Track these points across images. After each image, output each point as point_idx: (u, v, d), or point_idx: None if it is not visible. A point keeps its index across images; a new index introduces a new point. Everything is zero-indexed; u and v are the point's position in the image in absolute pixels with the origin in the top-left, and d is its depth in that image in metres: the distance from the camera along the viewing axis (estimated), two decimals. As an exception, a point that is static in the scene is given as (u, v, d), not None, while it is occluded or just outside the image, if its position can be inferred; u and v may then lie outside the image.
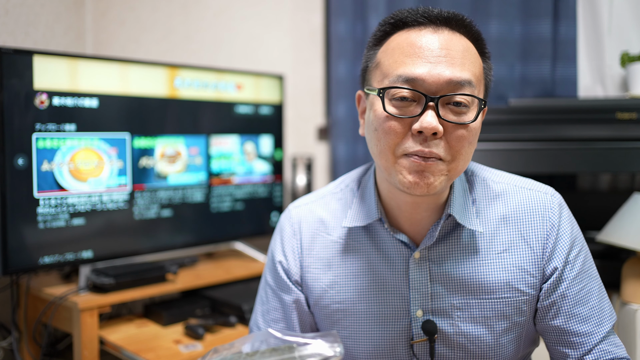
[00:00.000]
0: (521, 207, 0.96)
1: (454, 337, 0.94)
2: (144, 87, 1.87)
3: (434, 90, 0.85)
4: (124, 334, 1.73)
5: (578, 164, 1.87)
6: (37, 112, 1.64)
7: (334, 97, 2.34)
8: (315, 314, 1.03)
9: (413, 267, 0.95)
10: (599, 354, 0.93)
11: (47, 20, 2.08)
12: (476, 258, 0.95)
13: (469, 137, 0.87)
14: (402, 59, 0.87)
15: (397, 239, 0.96)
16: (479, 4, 2.21)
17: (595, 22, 2.19)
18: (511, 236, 0.95)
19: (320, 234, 1.03)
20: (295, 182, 2.32)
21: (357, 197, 1.02)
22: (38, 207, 1.65)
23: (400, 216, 0.96)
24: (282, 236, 1.06)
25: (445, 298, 0.95)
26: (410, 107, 0.86)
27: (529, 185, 0.99)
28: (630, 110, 1.85)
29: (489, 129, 1.91)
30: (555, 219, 0.95)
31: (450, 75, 0.85)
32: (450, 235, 0.96)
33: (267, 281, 1.07)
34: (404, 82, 0.86)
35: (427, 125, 0.83)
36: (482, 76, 0.91)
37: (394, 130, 0.86)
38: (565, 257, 0.94)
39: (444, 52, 0.86)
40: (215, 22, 2.43)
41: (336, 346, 0.74)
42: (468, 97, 0.86)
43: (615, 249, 1.92)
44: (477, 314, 0.94)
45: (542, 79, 2.18)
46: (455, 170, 0.89)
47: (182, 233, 1.99)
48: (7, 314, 1.87)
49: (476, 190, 0.99)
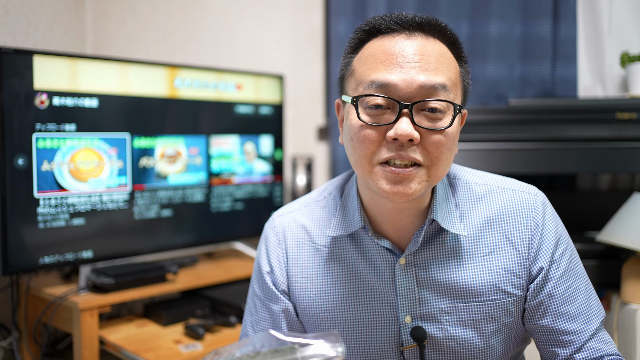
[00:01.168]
0: (504, 209, 0.96)
1: (444, 342, 0.94)
2: (144, 87, 1.87)
3: (408, 96, 0.84)
4: (124, 334, 1.73)
5: (578, 164, 1.87)
6: (37, 112, 1.64)
7: (334, 97, 2.34)
8: (304, 323, 1.02)
9: (399, 273, 0.94)
10: (589, 352, 0.93)
11: (47, 20, 2.08)
12: (462, 261, 0.94)
13: (447, 143, 0.86)
14: (375, 66, 0.87)
15: (381, 246, 0.95)
16: (479, 4, 2.21)
17: (595, 22, 2.19)
18: (496, 238, 0.95)
19: (305, 243, 1.02)
20: (295, 182, 2.32)
21: (340, 205, 1.01)
22: (38, 207, 1.65)
23: (384, 223, 0.96)
24: (267, 246, 1.05)
25: (432, 303, 0.94)
26: (385, 115, 0.85)
27: (512, 185, 0.99)
28: (630, 110, 1.86)
29: (489, 129, 1.92)
30: (539, 219, 0.95)
31: (424, 80, 0.84)
32: (434, 240, 0.95)
33: (254, 292, 1.06)
34: (378, 89, 0.85)
35: (401, 133, 0.83)
36: (458, 80, 0.90)
37: (369, 138, 0.86)
38: (550, 256, 0.93)
39: (417, 57, 0.85)
40: (215, 22, 2.43)
41: (338, 346, 0.73)
42: (443, 103, 0.85)
43: (615, 249, 1.92)
44: (466, 318, 0.94)
45: (542, 79, 2.18)
46: (435, 176, 0.88)
47: (182, 233, 1.99)
48: (7, 314, 1.87)
49: (459, 193, 0.98)
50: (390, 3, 2.25)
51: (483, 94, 2.22)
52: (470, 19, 2.22)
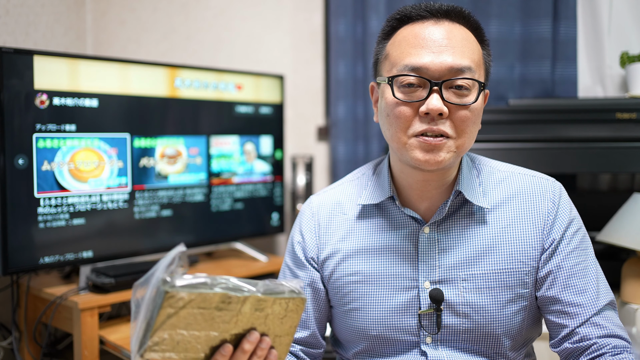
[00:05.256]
0: (525, 189, 1.04)
1: (460, 308, 0.99)
2: (144, 87, 1.87)
3: (438, 76, 0.94)
4: (124, 333, 1.73)
5: (578, 164, 1.87)
6: (37, 112, 1.64)
7: (334, 97, 2.35)
8: (330, 288, 1.08)
9: (422, 240, 1.02)
10: (592, 328, 0.95)
11: (47, 21, 2.08)
12: (482, 232, 1.01)
13: (472, 117, 0.96)
14: (408, 50, 0.96)
15: (407, 215, 1.03)
16: (479, 4, 2.21)
17: (595, 22, 2.19)
18: (515, 213, 1.02)
19: (336, 215, 1.10)
20: (296, 182, 2.33)
21: (372, 180, 1.10)
22: (38, 207, 1.65)
23: (412, 195, 1.04)
24: (301, 220, 1.13)
25: (451, 270, 1.00)
26: (417, 92, 0.95)
27: (532, 173, 1.08)
28: (630, 110, 1.86)
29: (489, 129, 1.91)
30: (557, 199, 1.03)
31: (451, 63, 0.94)
32: (458, 212, 1.03)
33: (286, 263, 1.14)
34: (411, 71, 0.95)
35: (432, 107, 0.92)
36: (481, 61, 0.99)
37: (404, 114, 0.95)
38: (562, 231, 1.00)
39: (446, 41, 0.95)
40: (215, 22, 2.43)
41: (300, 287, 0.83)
42: (468, 81, 0.95)
43: (615, 249, 1.92)
44: (482, 285, 0.99)
45: (542, 79, 2.18)
46: (462, 147, 0.96)
47: (182, 233, 1.99)
48: (7, 314, 1.87)
49: (482, 175, 1.07)
50: (390, 3, 2.25)
51: (483, 94, 2.22)
52: (470, 19, 2.22)
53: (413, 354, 1.02)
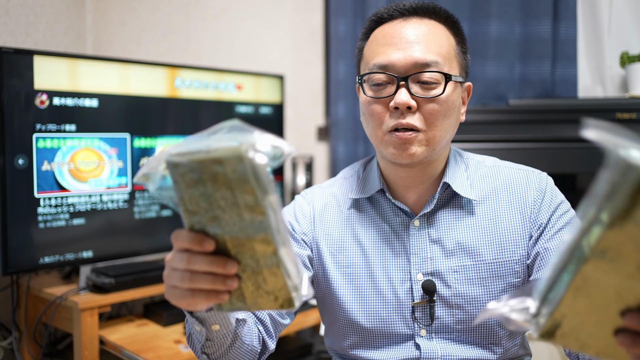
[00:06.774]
0: (512, 180, 1.06)
1: (452, 299, 1.01)
2: (144, 87, 1.87)
3: (404, 71, 0.97)
4: (124, 334, 1.73)
5: (578, 164, 1.87)
6: (37, 112, 1.64)
7: (334, 97, 2.35)
8: (322, 278, 1.07)
9: (413, 233, 1.04)
10: None
11: (47, 21, 2.08)
12: (471, 224, 1.03)
13: (441, 110, 0.98)
14: (377, 49, 1.00)
15: (397, 207, 1.06)
16: (479, 4, 2.21)
17: (595, 23, 2.19)
18: (503, 203, 1.04)
19: (331, 206, 1.12)
20: (296, 182, 2.32)
21: (362, 176, 1.13)
22: (38, 207, 1.65)
23: (399, 188, 1.07)
24: (294, 206, 1.14)
25: (442, 262, 1.02)
26: (387, 89, 0.99)
27: (519, 166, 1.10)
28: (630, 110, 1.86)
29: (489, 129, 1.92)
30: (542, 187, 1.05)
31: (417, 58, 0.97)
32: (447, 205, 1.05)
33: None
34: (379, 69, 0.99)
35: (400, 101, 0.96)
36: (453, 54, 1.01)
37: (376, 111, 0.99)
38: (549, 215, 1.02)
39: (412, 37, 0.98)
40: (215, 22, 2.43)
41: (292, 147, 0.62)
42: (434, 74, 0.97)
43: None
44: (473, 276, 1.01)
45: (542, 79, 2.18)
46: (433, 139, 0.98)
47: (182, 233, 1.99)
48: (7, 314, 1.87)
49: (470, 168, 1.09)
50: (390, 3, 2.25)
51: (483, 94, 2.22)
52: (470, 19, 2.23)
53: (407, 346, 1.03)
